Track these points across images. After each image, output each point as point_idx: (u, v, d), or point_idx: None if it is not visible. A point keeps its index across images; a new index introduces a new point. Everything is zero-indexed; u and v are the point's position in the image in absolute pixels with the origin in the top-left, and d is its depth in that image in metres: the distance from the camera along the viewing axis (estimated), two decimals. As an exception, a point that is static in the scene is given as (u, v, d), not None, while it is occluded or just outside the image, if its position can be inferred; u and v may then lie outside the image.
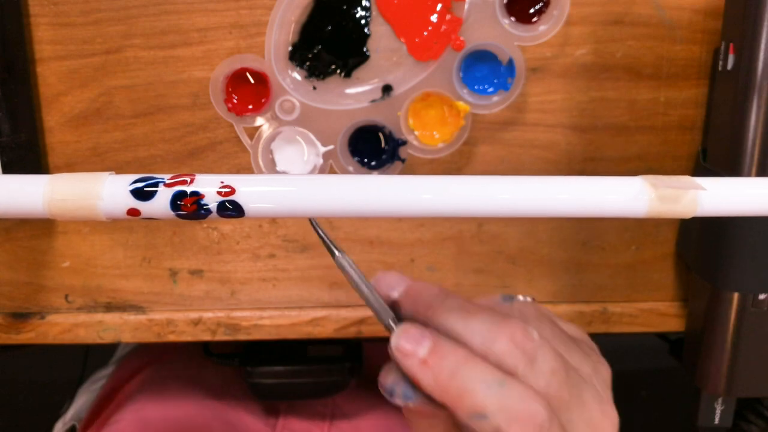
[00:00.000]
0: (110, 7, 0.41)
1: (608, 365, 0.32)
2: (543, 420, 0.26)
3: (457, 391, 0.27)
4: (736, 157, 0.38)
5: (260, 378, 0.52)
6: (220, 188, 0.23)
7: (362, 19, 0.40)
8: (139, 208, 0.23)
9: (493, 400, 0.26)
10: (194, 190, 0.23)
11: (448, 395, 0.27)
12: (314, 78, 0.41)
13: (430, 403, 0.28)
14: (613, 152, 0.44)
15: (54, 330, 0.46)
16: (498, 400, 0.26)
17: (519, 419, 0.26)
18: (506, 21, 0.40)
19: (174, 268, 0.45)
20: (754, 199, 0.25)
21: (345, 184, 0.25)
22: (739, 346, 0.41)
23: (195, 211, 0.23)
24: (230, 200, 0.23)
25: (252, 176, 0.24)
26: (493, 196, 0.25)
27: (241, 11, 0.41)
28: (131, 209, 0.23)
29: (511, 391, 0.26)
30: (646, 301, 0.47)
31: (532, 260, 0.46)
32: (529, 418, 0.26)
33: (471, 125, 0.41)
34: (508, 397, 0.26)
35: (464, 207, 0.25)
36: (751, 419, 0.46)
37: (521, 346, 0.28)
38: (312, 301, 0.46)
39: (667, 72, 0.42)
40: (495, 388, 0.26)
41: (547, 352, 0.28)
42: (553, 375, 0.28)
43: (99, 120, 0.42)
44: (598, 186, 0.25)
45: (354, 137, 0.42)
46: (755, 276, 0.39)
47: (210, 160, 0.43)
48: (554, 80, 0.42)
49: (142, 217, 0.23)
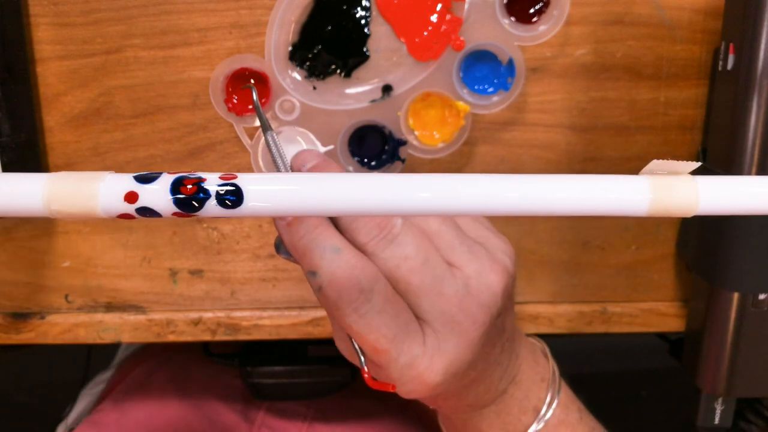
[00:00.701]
0: (110, 7, 0.41)
1: (504, 277, 0.34)
2: (362, 288, 0.30)
3: (302, 250, 0.31)
4: (736, 157, 0.38)
5: (260, 378, 0.52)
6: (222, 175, 0.24)
7: (362, 19, 0.40)
8: (137, 191, 0.23)
9: (324, 263, 0.31)
10: (197, 175, 0.24)
11: (297, 253, 0.32)
12: (314, 78, 0.41)
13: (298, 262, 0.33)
14: (613, 152, 0.44)
15: (54, 330, 0.46)
16: (328, 263, 0.31)
17: (339, 281, 0.30)
18: (506, 21, 0.40)
19: (174, 268, 0.45)
20: (755, 197, 0.25)
21: (344, 180, 0.25)
22: (739, 346, 0.41)
23: (195, 193, 0.24)
24: (231, 183, 0.24)
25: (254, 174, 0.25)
26: (492, 194, 0.25)
27: (241, 11, 0.41)
28: (129, 192, 0.23)
29: (342, 258, 0.31)
30: (646, 301, 0.47)
31: (532, 260, 0.46)
32: (349, 283, 0.30)
33: (471, 125, 0.41)
34: (337, 261, 0.31)
35: (464, 205, 0.24)
36: (751, 419, 0.46)
37: (380, 228, 0.32)
38: (312, 301, 0.46)
39: (667, 72, 0.42)
40: (329, 252, 0.31)
41: (407, 241, 0.32)
42: (405, 260, 0.32)
43: (99, 120, 0.42)
44: (598, 184, 0.25)
45: (354, 137, 0.42)
46: (755, 276, 0.39)
47: (210, 160, 0.43)
48: (554, 80, 0.42)
49: (139, 204, 0.23)
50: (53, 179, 0.24)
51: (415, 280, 0.32)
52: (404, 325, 0.32)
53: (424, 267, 0.32)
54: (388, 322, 0.31)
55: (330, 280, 0.31)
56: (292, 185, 0.24)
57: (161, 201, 0.24)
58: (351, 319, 0.31)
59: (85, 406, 0.66)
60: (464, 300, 0.33)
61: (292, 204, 0.24)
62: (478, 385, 0.36)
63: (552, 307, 0.46)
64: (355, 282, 0.31)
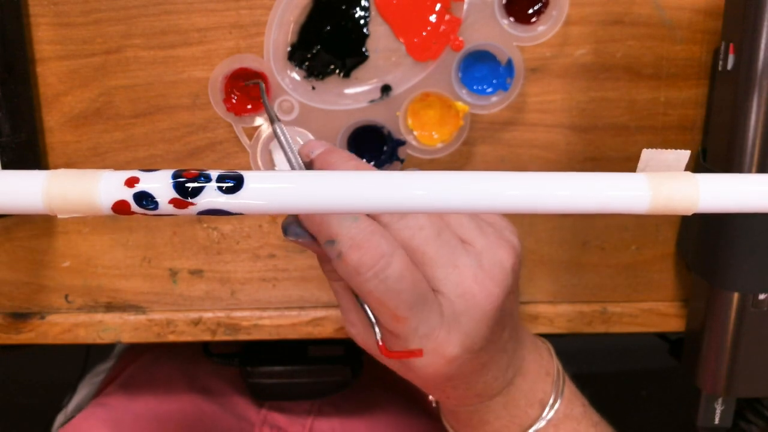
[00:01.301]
0: (110, 7, 0.41)
1: (513, 255, 0.35)
2: (383, 252, 0.30)
3: (319, 222, 0.31)
4: (736, 157, 0.38)
5: (260, 378, 0.52)
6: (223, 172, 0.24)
7: (361, 19, 0.40)
8: (138, 177, 0.24)
9: (343, 230, 0.31)
10: (198, 169, 0.24)
11: (314, 226, 0.32)
12: (313, 78, 0.41)
13: (312, 241, 0.33)
14: (613, 152, 0.44)
15: (54, 330, 0.46)
16: (347, 230, 0.31)
17: (360, 247, 0.30)
18: (505, 21, 0.40)
19: (174, 268, 0.45)
20: (755, 195, 0.25)
21: (343, 175, 0.25)
22: (739, 346, 0.41)
23: (195, 177, 0.24)
24: (232, 172, 0.24)
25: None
26: (492, 191, 0.24)
27: (241, 11, 0.41)
28: (130, 178, 0.23)
29: (360, 225, 0.31)
30: (646, 301, 0.47)
31: (532, 260, 0.46)
32: (370, 248, 0.30)
33: (470, 125, 0.41)
34: (356, 228, 0.31)
35: (464, 202, 0.24)
36: (751, 419, 0.46)
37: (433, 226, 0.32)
38: (312, 301, 0.46)
39: (667, 72, 0.42)
40: (348, 221, 0.31)
41: (421, 214, 0.32)
42: (420, 230, 0.32)
43: (99, 120, 0.42)
44: (599, 181, 0.25)
45: (353, 137, 0.42)
46: (755, 276, 0.39)
47: (210, 160, 0.43)
48: (554, 80, 0.42)
49: (139, 187, 0.23)
50: (53, 174, 0.24)
51: (430, 251, 0.32)
52: (422, 294, 0.32)
53: (438, 238, 0.32)
54: (408, 288, 0.31)
55: (350, 245, 0.31)
56: (293, 175, 0.24)
57: (161, 186, 0.24)
58: (372, 284, 0.31)
59: (85, 396, 0.66)
60: (478, 273, 0.33)
61: (295, 185, 0.24)
62: (487, 372, 0.36)
63: (552, 307, 0.46)
64: (376, 245, 0.31)
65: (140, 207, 0.24)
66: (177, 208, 0.24)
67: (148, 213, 0.24)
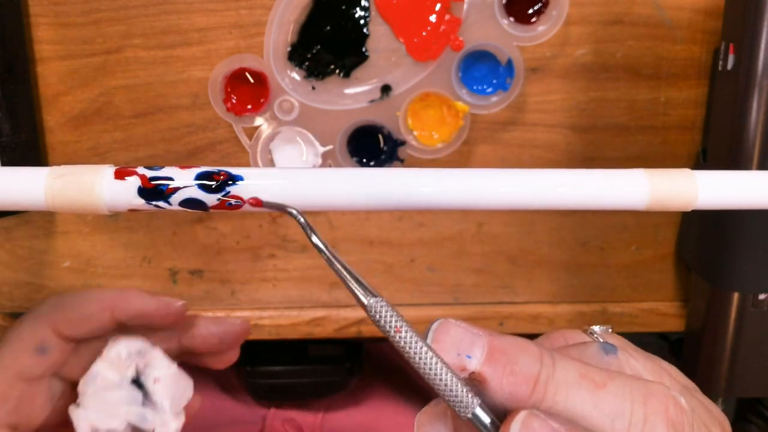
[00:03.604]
0: (110, 7, 0.41)
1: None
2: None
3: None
4: (737, 156, 0.38)
5: (260, 378, 0.52)
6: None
7: (361, 19, 0.40)
8: (146, 174, 0.24)
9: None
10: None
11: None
12: (313, 78, 0.41)
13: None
14: (613, 152, 0.44)
15: (54, 330, 0.46)
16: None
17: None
18: (505, 21, 0.40)
19: (174, 268, 0.45)
20: (753, 191, 0.25)
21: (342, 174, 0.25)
22: (739, 346, 0.41)
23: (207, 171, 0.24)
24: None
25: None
26: (492, 188, 0.24)
27: (241, 11, 0.41)
28: (137, 172, 0.24)
29: None
30: (646, 301, 0.47)
31: (532, 260, 0.46)
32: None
33: (470, 125, 0.41)
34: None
35: (463, 200, 0.24)
36: (751, 419, 0.46)
37: (674, 425, 0.21)
38: (312, 301, 0.46)
39: (667, 72, 0.42)
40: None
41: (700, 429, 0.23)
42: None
43: (99, 120, 0.42)
44: (598, 178, 0.25)
45: (353, 137, 0.42)
46: (755, 276, 0.39)
47: (210, 160, 0.43)
48: (554, 80, 0.42)
49: (145, 173, 0.24)
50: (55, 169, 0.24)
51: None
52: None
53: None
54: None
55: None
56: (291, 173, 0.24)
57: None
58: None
59: None
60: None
61: (294, 180, 0.24)
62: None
63: (552, 307, 0.46)
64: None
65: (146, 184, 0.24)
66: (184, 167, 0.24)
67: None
